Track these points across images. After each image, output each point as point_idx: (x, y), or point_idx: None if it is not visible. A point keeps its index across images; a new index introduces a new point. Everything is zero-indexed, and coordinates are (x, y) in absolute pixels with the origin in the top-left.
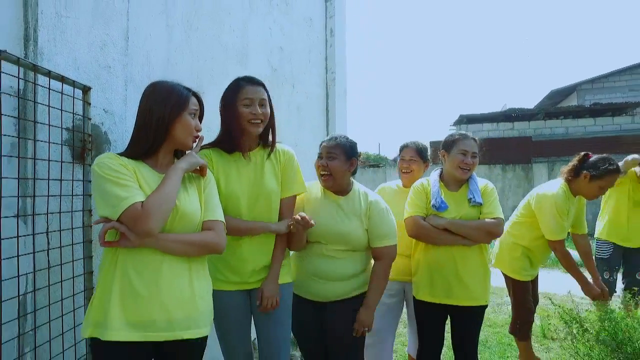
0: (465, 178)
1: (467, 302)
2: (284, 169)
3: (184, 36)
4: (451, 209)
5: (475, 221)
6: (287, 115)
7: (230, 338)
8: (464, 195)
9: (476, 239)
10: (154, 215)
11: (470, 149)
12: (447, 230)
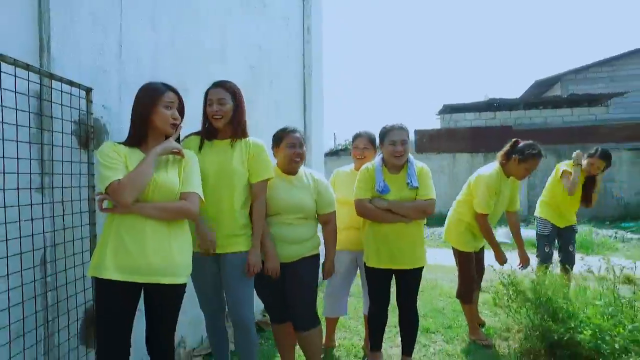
0: (400, 164)
1: (407, 265)
2: (253, 158)
3: (169, 41)
4: (393, 192)
5: (412, 202)
6: (265, 110)
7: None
8: (404, 178)
9: (413, 217)
10: (127, 189)
11: (399, 138)
12: (389, 210)
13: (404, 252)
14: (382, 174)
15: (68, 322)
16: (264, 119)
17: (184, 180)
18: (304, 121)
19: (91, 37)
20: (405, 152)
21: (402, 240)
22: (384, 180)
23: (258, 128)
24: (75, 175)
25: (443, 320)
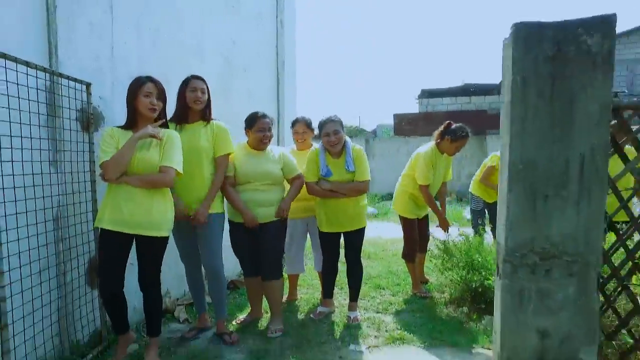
0: (336, 151)
1: (352, 228)
2: (217, 137)
3: (152, 41)
4: (334, 174)
5: (350, 183)
6: (239, 97)
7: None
8: (343, 163)
9: (351, 195)
10: (110, 168)
11: (332, 129)
12: (335, 191)
13: (348, 219)
14: (325, 159)
15: (78, 264)
16: (238, 104)
17: (163, 156)
18: (277, 106)
19: (89, 42)
20: (339, 140)
21: (346, 211)
22: (327, 165)
23: (233, 113)
24: (79, 152)
25: (394, 280)
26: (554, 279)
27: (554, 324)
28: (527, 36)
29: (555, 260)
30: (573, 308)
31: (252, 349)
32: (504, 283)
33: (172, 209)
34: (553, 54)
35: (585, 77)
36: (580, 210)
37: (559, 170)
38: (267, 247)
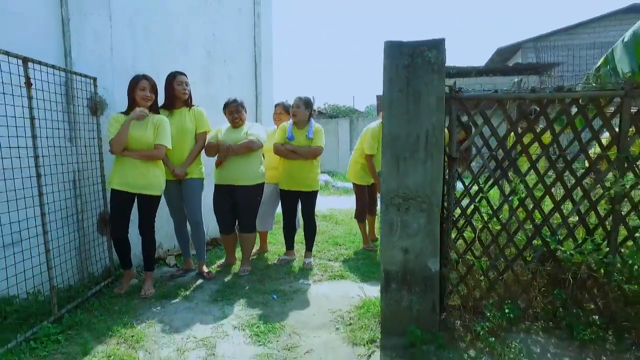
0: (295, 120)
1: (305, 188)
2: (197, 119)
3: (143, 40)
4: (296, 139)
5: (307, 147)
6: (220, 83)
7: (172, 205)
8: (305, 132)
9: (307, 157)
10: (114, 144)
11: (295, 106)
12: (294, 152)
13: (302, 179)
14: (291, 129)
15: (91, 215)
16: (219, 89)
17: (157, 136)
18: (255, 90)
19: (94, 46)
20: (298, 113)
21: (302, 171)
22: (292, 132)
23: (215, 96)
24: (89, 131)
25: (351, 239)
26: (411, 213)
27: (412, 244)
28: (391, 51)
29: (412, 201)
30: (424, 233)
31: (224, 282)
32: (382, 217)
33: (163, 175)
34: (408, 63)
35: (428, 79)
36: (426, 168)
37: (413, 141)
38: (246, 206)
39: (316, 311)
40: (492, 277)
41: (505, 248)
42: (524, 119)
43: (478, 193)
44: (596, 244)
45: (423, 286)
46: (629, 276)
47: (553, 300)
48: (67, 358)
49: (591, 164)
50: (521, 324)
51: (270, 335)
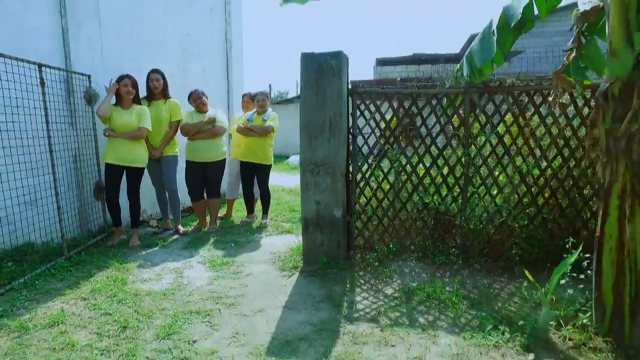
0: (262, 111)
1: (260, 162)
2: (172, 110)
3: (128, 41)
4: (255, 122)
5: (262, 125)
6: (195, 74)
7: (154, 176)
8: (262, 116)
9: (261, 134)
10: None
11: (260, 99)
12: (250, 129)
13: (258, 153)
14: (252, 114)
15: (89, 184)
16: (195, 81)
17: (139, 121)
18: (227, 80)
19: (88, 49)
20: (265, 105)
21: (258, 147)
22: (252, 116)
23: (191, 87)
24: (85, 117)
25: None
26: (321, 176)
27: (322, 198)
28: (305, 60)
29: (321, 167)
30: (330, 190)
31: (195, 236)
32: (301, 179)
33: (146, 153)
34: (317, 68)
35: (330, 79)
36: (330, 144)
37: (320, 125)
38: (213, 177)
39: (261, 253)
40: (386, 223)
41: (394, 202)
42: (402, 107)
43: (375, 162)
44: (453, 197)
45: (330, 228)
46: (472, 219)
47: (425, 238)
48: (77, 280)
49: (448, 140)
50: (402, 255)
51: (224, 266)
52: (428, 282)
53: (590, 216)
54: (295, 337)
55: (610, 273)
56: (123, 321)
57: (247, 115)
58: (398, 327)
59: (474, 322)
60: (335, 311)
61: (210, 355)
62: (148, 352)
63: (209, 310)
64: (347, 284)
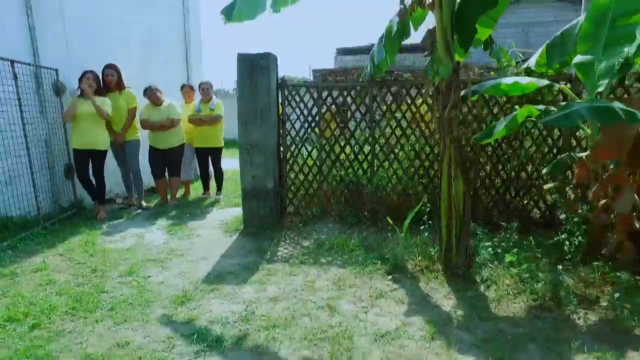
0: (208, 100)
1: (211, 145)
2: (128, 99)
3: (91, 38)
4: (203, 111)
5: (210, 115)
6: (156, 67)
7: (119, 158)
8: (209, 106)
9: (210, 122)
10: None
11: (205, 87)
12: (201, 120)
13: (210, 138)
14: (199, 104)
15: (60, 166)
16: (156, 73)
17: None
18: (187, 72)
19: (54, 46)
20: (210, 92)
21: (209, 133)
22: (200, 106)
23: (153, 79)
24: (54, 107)
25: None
26: (255, 155)
27: (257, 173)
28: (240, 60)
29: (255, 147)
30: (263, 166)
31: (157, 210)
32: (240, 157)
33: (107, 136)
34: (249, 66)
35: (261, 75)
36: (262, 128)
37: (254, 113)
38: (172, 160)
39: (211, 221)
40: (311, 193)
41: (316, 176)
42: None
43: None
44: (364, 170)
45: (264, 198)
46: (377, 188)
47: (341, 204)
48: (54, 242)
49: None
50: (323, 219)
51: (178, 231)
52: (337, 237)
53: None
54: (225, 272)
55: (444, 218)
56: (93, 267)
57: (195, 107)
58: (303, 265)
59: (360, 260)
60: (260, 257)
61: (160, 285)
62: (113, 284)
63: (163, 259)
64: (275, 240)
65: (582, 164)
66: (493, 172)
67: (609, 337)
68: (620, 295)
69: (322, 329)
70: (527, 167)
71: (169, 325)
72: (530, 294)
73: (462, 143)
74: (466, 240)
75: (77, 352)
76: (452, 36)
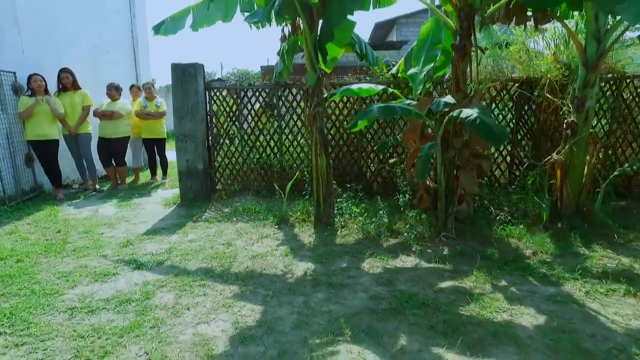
0: (151, 97)
1: (158, 136)
2: (83, 97)
3: (44, 43)
4: (149, 107)
5: (157, 111)
6: (106, 67)
7: (72, 150)
8: (154, 102)
9: (156, 117)
10: (21, 116)
11: (147, 87)
12: (148, 114)
13: (156, 130)
14: (145, 101)
15: (20, 155)
16: (106, 73)
17: (56, 106)
18: (135, 72)
19: (11, 52)
20: (153, 91)
21: (155, 126)
22: (146, 103)
23: (103, 81)
24: (13, 105)
25: None
26: (188, 143)
27: (190, 157)
28: (173, 68)
29: (188, 137)
30: (194, 152)
31: (109, 192)
32: (175, 146)
33: (57, 128)
34: (181, 74)
35: (190, 80)
36: (193, 122)
37: (186, 110)
38: (118, 150)
39: (155, 198)
40: (235, 173)
41: (238, 159)
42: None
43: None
44: (274, 154)
45: (196, 177)
46: (284, 167)
47: (257, 181)
48: (20, 216)
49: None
50: (243, 193)
51: (126, 206)
52: (251, 205)
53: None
54: (160, 229)
55: (314, 184)
56: (58, 229)
57: (142, 103)
58: (218, 222)
59: (262, 217)
60: (188, 219)
61: (110, 237)
62: (75, 238)
63: (113, 223)
64: (203, 209)
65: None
66: (356, 151)
67: (395, 249)
68: (411, 227)
69: (218, 254)
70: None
71: (116, 257)
72: (363, 232)
73: (324, 131)
74: (329, 199)
75: (52, 271)
76: (316, 56)
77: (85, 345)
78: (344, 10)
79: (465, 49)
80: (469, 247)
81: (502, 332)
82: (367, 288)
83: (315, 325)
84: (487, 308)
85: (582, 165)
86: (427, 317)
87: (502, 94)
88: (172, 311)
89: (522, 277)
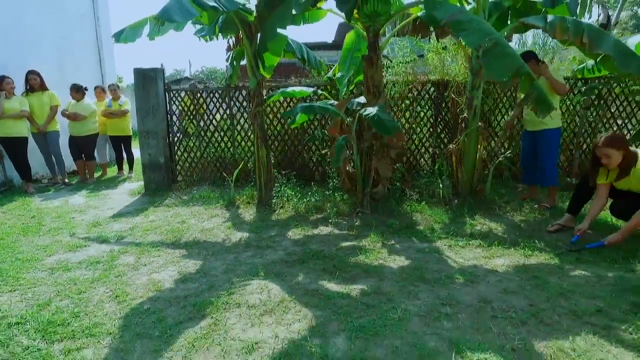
0: (116, 98)
1: (124, 133)
2: (50, 98)
3: (11, 46)
4: (114, 107)
5: (120, 109)
6: (71, 68)
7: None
8: (118, 102)
9: (120, 116)
10: None
11: (112, 88)
12: (112, 113)
13: (120, 128)
14: (110, 101)
15: None
16: (71, 74)
17: (21, 106)
18: (101, 72)
19: None
20: (117, 92)
21: (120, 124)
22: (111, 103)
23: (68, 82)
24: None
25: None
26: (151, 139)
27: (152, 152)
28: (135, 72)
29: (150, 133)
30: (156, 147)
31: (78, 185)
32: (139, 141)
33: (26, 126)
34: (142, 77)
35: (151, 83)
36: (154, 120)
37: (148, 109)
38: (84, 146)
39: (122, 189)
40: (193, 166)
41: (196, 153)
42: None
43: (184, 130)
44: (228, 148)
45: (158, 169)
46: (236, 159)
47: (213, 172)
48: None
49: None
50: (201, 183)
51: (95, 196)
52: (206, 192)
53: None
54: (125, 213)
55: (257, 171)
56: (32, 215)
57: (107, 103)
58: (176, 207)
59: (214, 202)
60: (151, 205)
61: (81, 220)
62: (48, 222)
63: (82, 210)
64: (164, 197)
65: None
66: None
67: (316, 222)
68: (333, 205)
69: (174, 229)
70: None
71: (86, 234)
72: (295, 210)
73: (264, 127)
74: (269, 184)
75: (31, 245)
76: (256, 64)
77: (64, 289)
78: (275, 26)
79: (372, 59)
80: (377, 219)
81: (372, 270)
82: (286, 248)
83: (239, 271)
84: (369, 257)
85: (474, 153)
86: (323, 264)
87: (422, 94)
88: (132, 267)
89: (408, 238)
